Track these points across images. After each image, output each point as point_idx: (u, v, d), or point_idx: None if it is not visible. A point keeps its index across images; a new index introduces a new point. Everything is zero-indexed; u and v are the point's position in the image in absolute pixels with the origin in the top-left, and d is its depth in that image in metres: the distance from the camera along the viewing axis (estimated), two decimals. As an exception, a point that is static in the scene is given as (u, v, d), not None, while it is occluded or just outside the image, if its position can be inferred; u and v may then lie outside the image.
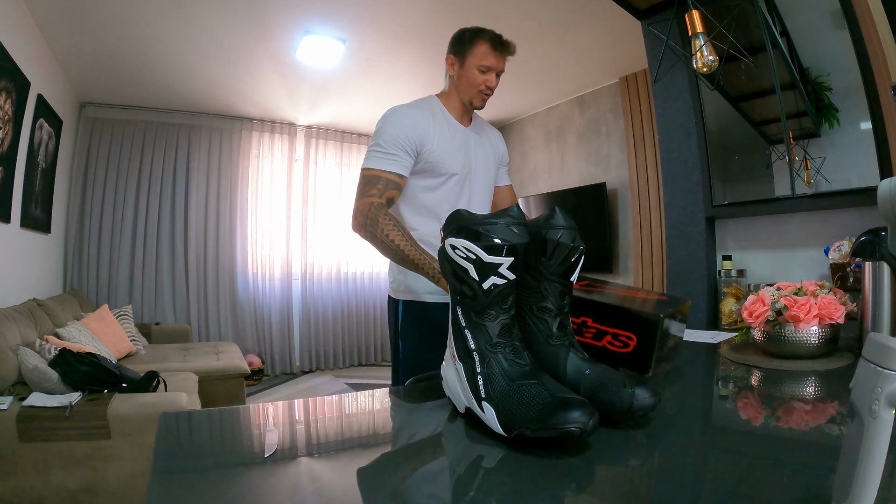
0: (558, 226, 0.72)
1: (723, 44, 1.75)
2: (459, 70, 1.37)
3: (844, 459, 0.38)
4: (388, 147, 1.27)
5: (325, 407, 0.92)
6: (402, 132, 1.28)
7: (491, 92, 1.38)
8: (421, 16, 3.06)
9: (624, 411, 0.65)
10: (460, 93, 1.39)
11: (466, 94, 1.38)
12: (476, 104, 1.40)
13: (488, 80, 1.35)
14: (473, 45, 1.34)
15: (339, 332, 5.19)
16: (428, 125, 1.32)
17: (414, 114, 1.32)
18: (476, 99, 1.38)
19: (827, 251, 1.51)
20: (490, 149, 1.50)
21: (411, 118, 1.30)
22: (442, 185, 1.36)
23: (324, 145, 5.23)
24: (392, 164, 1.27)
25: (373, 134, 1.33)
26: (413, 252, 1.22)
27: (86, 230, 4.19)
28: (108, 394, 1.92)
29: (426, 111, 1.35)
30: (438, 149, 1.32)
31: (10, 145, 2.65)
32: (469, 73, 1.35)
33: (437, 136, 1.32)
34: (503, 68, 1.37)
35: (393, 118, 1.30)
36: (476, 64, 1.34)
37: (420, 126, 1.30)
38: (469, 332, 0.68)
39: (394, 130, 1.28)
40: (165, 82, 3.92)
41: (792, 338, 1.07)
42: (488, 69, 1.34)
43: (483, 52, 1.33)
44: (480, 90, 1.36)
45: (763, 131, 1.87)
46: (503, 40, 1.35)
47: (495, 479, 0.56)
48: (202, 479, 0.56)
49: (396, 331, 1.43)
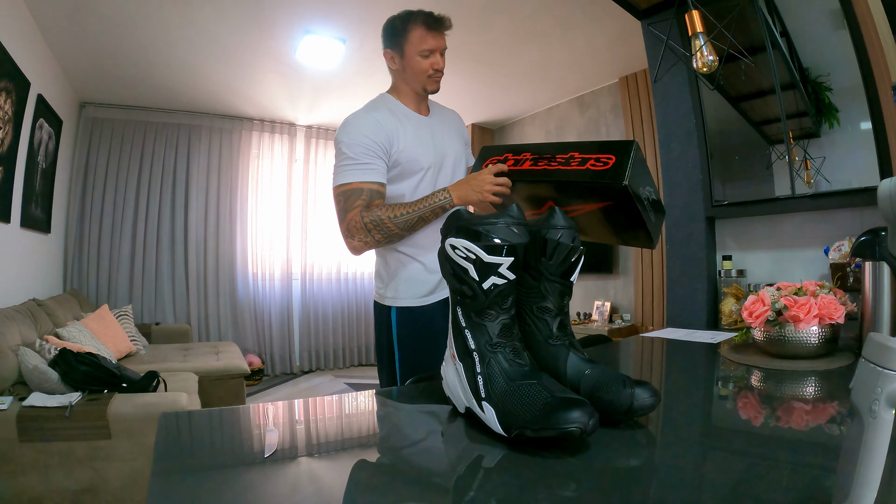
0: (558, 226, 0.72)
1: (723, 44, 1.75)
2: (401, 62, 1.30)
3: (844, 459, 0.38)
4: (359, 157, 1.21)
5: (325, 407, 0.91)
6: (368, 138, 1.22)
7: (441, 73, 1.31)
8: (421, 16, 3.06)
9: (624, 411, 0.65)
10: (410, 83, 1.32)
11: (417, 83, 1.31)
12: (430, 88, 1.32)
13: (434, 62, 1.28)
14: (407, 31, 1.27)
15: (339, 332, 5.19)
16: (391, 125, 1.25)
17: (374, 116, 1.25)
18: (428, 84, 1.31)
19: (827, 251, 1.51)
20: (455, 133, 1.43)
21: (373, 121, 1.24)
22: (420, 183, 1.30)
23: (324, 145, 5.23)
24: (369, 174, 1.21)
25: (335, 150, 1.27)
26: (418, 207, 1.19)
27: (86, 230, 4.19)
28: (108, 394, 1.92)
29: (384, 111, 1.28)
30: (408, 146, 1.26)
31: (10, 145, 2.65)
32: (412, 62, 1.28)
33: (402, 133, 1.27)
34: (445, 45, 1.30)
35: (353, 125, 1.24)
36: (416, 51, 1.27)
37: (384, 127, 1.24)
38: (469, 332, 0.68)
39: (359, 138, 1.22)
40: (165, 82, 3.92)
41: (792, 338, 1.07)
42: (430, 52, 1.27)
43: (419, 35, 1.26)
44: (429, 75, 1.30)
45: (763, 131, 1.87)
46: (436, 17, 1.27)
47: (495, 479, 0.56)
48: (202, 479, 0.56)
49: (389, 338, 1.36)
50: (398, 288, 1.34)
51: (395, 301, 1.34)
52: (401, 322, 1.33)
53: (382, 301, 1.38)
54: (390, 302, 1.35)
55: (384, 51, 1.33)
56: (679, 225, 1.99)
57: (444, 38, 1.29)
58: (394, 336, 1.35)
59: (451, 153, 1.38)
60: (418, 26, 1.26)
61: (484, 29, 3.23)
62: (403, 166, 1.27)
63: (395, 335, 1.34)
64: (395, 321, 1.34)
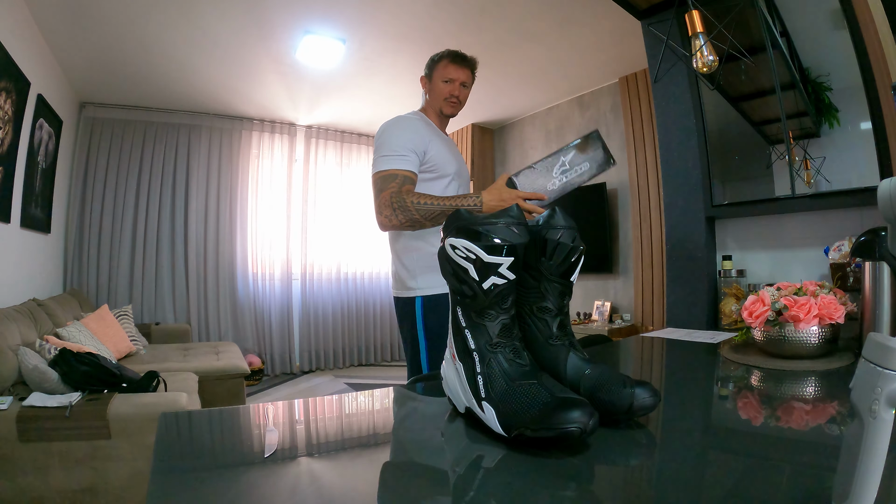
0: (558, 226, 0.72)
1: (723, 44, 1.75)
2: (429, 86, 1.60)
3: (844, 459, 0.37)
4: (397, 150, 1.41)
5: (325, 407, 0.91)
6: (407, 137, 1.44)
7: (457, 100, 1.58)
8: (421, 16, 3.06)
9: (624, 411, 0.65)
10: (433, 104, 1.61)
11: (437, 104, 1.59)
12: (446, 111, 1.59)
13: (452, 89, 1.56)
14: (437, 63, 1.58)
15: (339, 332, 5.19)
16: (426, 132, 1.49)
17: (412, 122, 1.49)
18: (445, 106, 1.59)
19: (827, 251, 1.51)
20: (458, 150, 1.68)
21: (412, 125, 1.48)
22: (448, 185, 1.51)
23: (324, 145, 5.23)
24: (404, 163, 1.41)
25: (375, 144, 1.48)
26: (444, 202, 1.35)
27: (86, 230, 4.19)
28: (108, 394, 1.92)
29: (420, 122, 1.52)
30: (439, 153, 1.49)
31: (10, 145, 2.65)
32: (436, 86, 1.58)
33: (434, 141, 1.49)
34: (466, 79, 1.59)
35: (395, 126, 1.47)
36: (441, 77, 1.57)
37: (421, 133, 1.47)
38: (469, 332, 0.68)
39: (400, 136, 1.44)
40: (165, 82, 3.92)
41: (792, 338, 1.07)
42: (451, 80, 1.56)
43: (444, 65, 1.57)
44: (446, 98, 1.57)
45: (763, 131, 1.87)
46: (461, 54, 1.59)
47: (495, 479, 0.56)
48: (202, 479, 0.56)
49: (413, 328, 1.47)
50: (421, 278, 1.46)
51: (419, 291, 1.47)
52: (427, 309, 1.45)
53: (405, 294, 1.50)
54: (414, 293, 1.47)
55: (421, 78, 1.64)
56: (679, 225, 1.99)
57: (466, 73, 1.58)
58: (419, 325, 1.46)
59: (465, 170, 1.64)
60: (445, 58, 1.57)
61: (484, 29, 3.23)
62: (435, 168, 1.49)
63: (420, 324, 1.45)
64: (419, 310, 1.46)
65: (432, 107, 1.61)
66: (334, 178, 5.29)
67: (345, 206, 5.29)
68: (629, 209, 4.06)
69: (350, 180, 5.37)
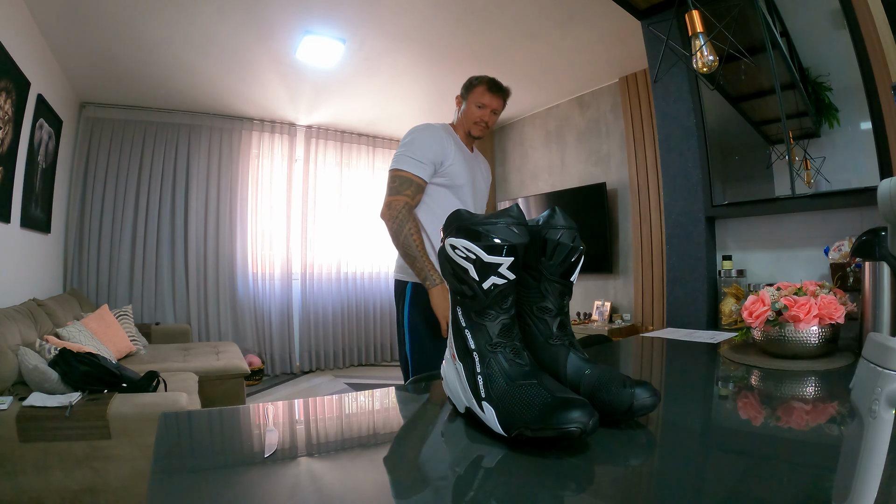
0: (558, 226, 0.72)
1: (723, 44, 1.75)
2: (463, 106, 1.70)
3: (844, 459, 0.37)
4: (420, 157, 1.57)
5: (325, 407, 0.91)
6: (431, 147, 1.58)
7: (486, 125, 1.69)
8: (421, 16, 3.06)
9: (624, 411, 0.65)
10: (463, 123, 1.72)
11: (467, 125, 1.70)
12: (474, 133, 1.71)
13: (483, 114, 1.67)
14: (474, 86, 1.68)
15: (339, 332, 5.19)
16: (449, 144, 1.63)
17: (440, 134, 1.63)
18: (474, 129, 1.70)
19: (827, 251, 1.51)
20: (482, 173, 1.81)
21: (439, 137, 1.61)
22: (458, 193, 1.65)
23: (324, 145, 5.23)
24: (422, 171, 1.57)
25: (403, 141, 1.61)
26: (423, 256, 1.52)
27: (86, 230, 4.19)
28: (108, 394, 1.92)
29: (447, 134, 1.66)
30: (455, 164, 1.62)
31: (10, 145, 2.65)
32: (469, 109, 1.68)
33: (454, 154, 1.63)
34: (498, 107, 1.69)
35: (426, 133, 1.61)
36: (475, 101, 1.67)
37: (444, 144, 1.61)
38: (469, 332, 0.68)
39: (427, 143, 1.58)
40: (165, 82, 3.91)
41: (792, 338, 1.07)
42: (483, 105, 1.66)
43: (480, 91, 1.67)
44: (476, 122, 1.68)
45: (763, 131, 1.87)
46: (498, 84, 1.68)
47: (495, 479, 0.56)
48: (202, 479, 0.56)
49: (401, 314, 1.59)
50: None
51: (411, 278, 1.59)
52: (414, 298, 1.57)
53: (400, 276, 1.65)
54: (408, 278, 1.60)
55: (457, 97, 1.75)
56: (679, 225, 1.99)
57: (499, 102, 1.69)
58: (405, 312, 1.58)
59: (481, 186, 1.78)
60: (482, 84, 1.67)
61: (484, 29, 3.23)
62: (449, 178, 1.63)
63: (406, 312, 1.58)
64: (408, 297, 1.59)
65: (462, 125, 1.72)
66: (334, 178, 5.29)
67: (345, 206, 5.29)
68: (629, 209, 4.06)
69: (350, 180, 5.37)
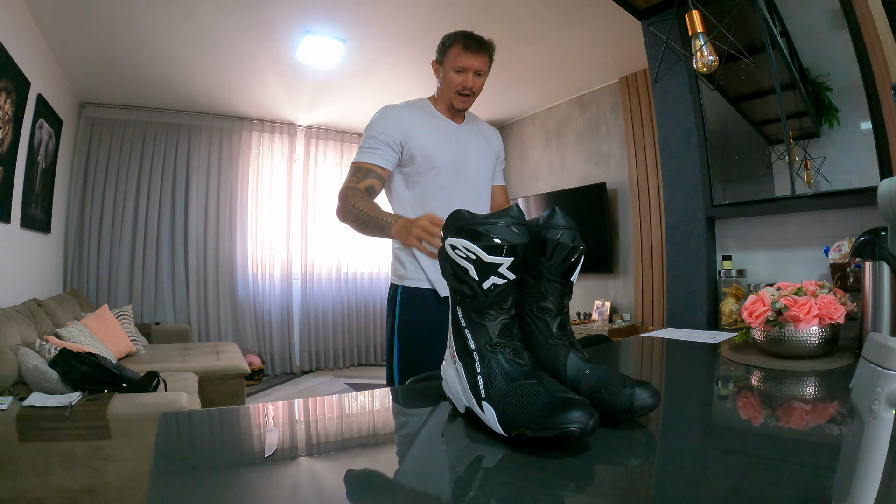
0: (558, 226, 0.72)
1: (723, 44, 1.75)
2: (441, 74, 1.42)
3: (844, 459, 0.37)
4: (372, 143, 1.35)
5: (325, 407, 0.91)
6: (387, 128, 1.35)
7: (469, 92, 1.40)
8: (421, 16, 3.06)
9: (624, 411, 0.65)
10: (443, 95, 1.43)
11: (447, 96, 1.42)
12: (457, 105, 1.42)
13: (464, 80, 1.38)
14: (449, 48, 1.38)
15: (339, 332, 5.19)
16: (413, 121, 1.37)
17: (400, 111, 1.38)
18: (455, 100, 1.41)
19: (827, 251, 1.51)
20: (485, 142, 1.51)
21: (397, 115, 1.37)
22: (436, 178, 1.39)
23: (324, 145, 5.23)
24: (375, 157, 1.34)
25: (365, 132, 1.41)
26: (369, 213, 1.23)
27: (86, 230, 4.19)
28: (108, 394, 1.92)
29: (414, 110, 1.41)
30: (423, 143, 1.37)
31: (10, 145, 2.65)
32: (447, 76, 1.39)
33: (421, 130, 1.37)
34: (481, 67, 1.38)
35: (380, 115, 1.38)
36: (452, 66, 1.38)
37: (404, 122, 1.36)
38: (469, 332, 0.68)
39: (380, 126, 1.35)
40: (165, 82, 3.92)
41: (792, 338, 1.07)
42: (463, 69, 1.37)
43: (456, 53, 1.37)
44: (458, 91, 1.39)
45: (763, 131, 1.87)
46: (475, 38, 1.37)
47: (495, 479, 0.56)
48: (202, 479, 0.56)
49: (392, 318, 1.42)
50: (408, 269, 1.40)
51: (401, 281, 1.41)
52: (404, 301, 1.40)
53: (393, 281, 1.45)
54: (399, 282, 1.42)
55: (433, 62, 1.45)
56: (679, 225, 1.99)
57: (481, 60, 1.37)
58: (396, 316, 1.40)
59: (474, 159, 1.45)
60: (457, 44, 1.36)
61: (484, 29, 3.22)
62: (418, 161, 1.37)
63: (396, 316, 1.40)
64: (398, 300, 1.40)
65: (443, 97, 1.43)
66: (334, 178, 5.28)
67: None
68: (629, 209, 4.06)
69: (350, 180, 5.36)
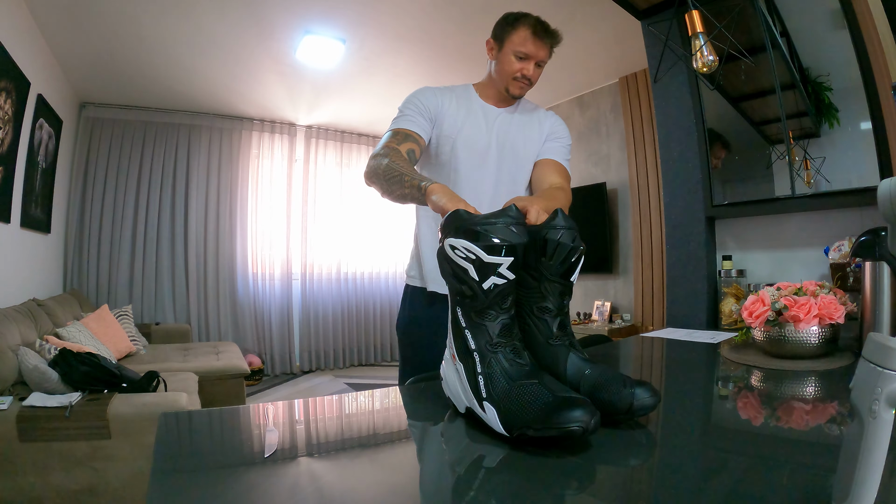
0: (558, 226, 0.72)
1: (723, 44, 1.75)
2: (497, 55, 1.29)
3: (844, 459, 0.38)
4: (407, 111, 1.27)
5: (325, 407, 0.91)
6: (420, 100, 1.28)
7: (527, 81, 1.29)
8: (421, 16, 3.06)
9: (624, 411, 0.65)
10: (495, 80, 1.31)
11: (501, 82, 1.30)
12: (512, 92, 1.30)
13: (525, 68, 1.26)
14: (514, 29, 1.26)
15: (339, 332, 5.19)
16: (446, 99, 1.30)
17: (435, 90, 1.31)
18: (511, 86, 1.29)
19: (827, 251, 1.51)
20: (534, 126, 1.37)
21: (431, 91, 1.30)
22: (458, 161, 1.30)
23: (324, 145, 5.23)
24: (410, 124, 1.25)
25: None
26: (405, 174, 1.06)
27: (86, 230, 4.19)
28: (108, 394, 1.92)
29: (451, 91, 1.33)
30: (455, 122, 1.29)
31: (10, 145, 2.65)
32: (505, 59, 1.27)
33: (454, 109, 1.30)
34: (544, 58, 1.28)
35: (415, 92, 1.31)
36: (513, 49, 1.25)
37: (438, 98, 1.29)
38: (469, 333, 0.68)
39: (413, 99, 1.29)
40: (165, 82, 3.92)
41: (792, 338, 1.07)
42: (526, 56, 1.25)
43: (522, 37, 1.24)
44: (515, 77, 1.27)
45: (763, 131, 1.87)
46: (547, 27, 1.25)
47: (497, 479, 0.56)
48: (202, 479, 0.56)
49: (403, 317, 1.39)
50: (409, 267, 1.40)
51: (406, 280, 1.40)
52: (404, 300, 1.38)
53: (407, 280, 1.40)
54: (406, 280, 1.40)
55: (488, 39, 1.33)
56: (679, 225, 1.99)
57: (546, 51, 1.27)
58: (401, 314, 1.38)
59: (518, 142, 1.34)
60: (526, 28, 1.24)
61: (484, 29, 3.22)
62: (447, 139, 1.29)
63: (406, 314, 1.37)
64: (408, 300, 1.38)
65: (495, 84, 1.32)
66: (334, 178, 5.29)
67: (345, 206, 5.29)
68: (629, 209, 4.06)
69: (350, 180, 5.37)
